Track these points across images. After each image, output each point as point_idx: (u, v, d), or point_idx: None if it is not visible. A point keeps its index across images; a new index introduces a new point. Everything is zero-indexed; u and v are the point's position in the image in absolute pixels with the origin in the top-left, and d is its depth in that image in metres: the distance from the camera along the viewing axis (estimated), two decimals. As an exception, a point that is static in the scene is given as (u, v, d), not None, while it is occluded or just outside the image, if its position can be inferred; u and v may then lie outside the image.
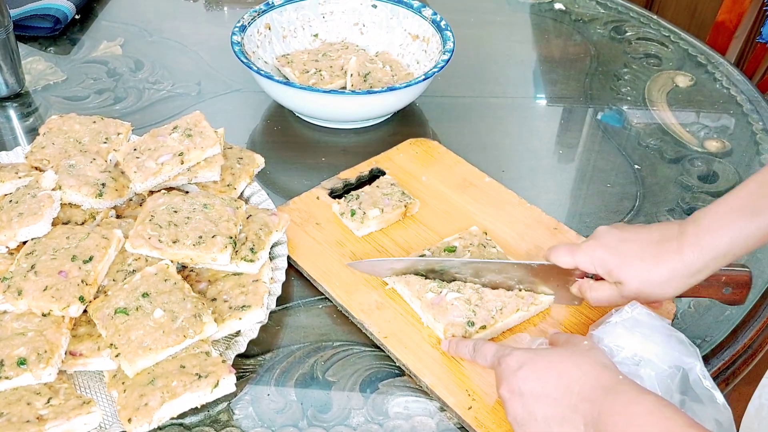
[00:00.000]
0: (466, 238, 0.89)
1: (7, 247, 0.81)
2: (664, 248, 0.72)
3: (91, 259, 0.78)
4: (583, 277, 0.79)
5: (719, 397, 0.69)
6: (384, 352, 0.80)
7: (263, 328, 0.80)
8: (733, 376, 0.84)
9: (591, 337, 0.73)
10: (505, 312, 0.80)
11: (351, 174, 1.01)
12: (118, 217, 0.89)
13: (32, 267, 0.77)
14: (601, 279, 0.77)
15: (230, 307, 0.78)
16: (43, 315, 0.74)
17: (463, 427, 0.73)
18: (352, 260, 0.88)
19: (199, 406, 0.71)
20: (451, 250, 0.87)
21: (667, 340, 0.71)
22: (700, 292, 0.76)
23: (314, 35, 1.23)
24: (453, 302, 0.80)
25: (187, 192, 0.90)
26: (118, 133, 0.97)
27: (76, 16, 1.35)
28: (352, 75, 1.13)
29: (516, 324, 0.81)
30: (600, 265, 0.75)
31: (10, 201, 0.83)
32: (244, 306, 0.78)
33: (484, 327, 0.78)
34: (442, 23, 1.15)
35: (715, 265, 0.71)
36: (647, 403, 0.60)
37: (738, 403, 0.75)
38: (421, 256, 0.87)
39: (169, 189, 0.90)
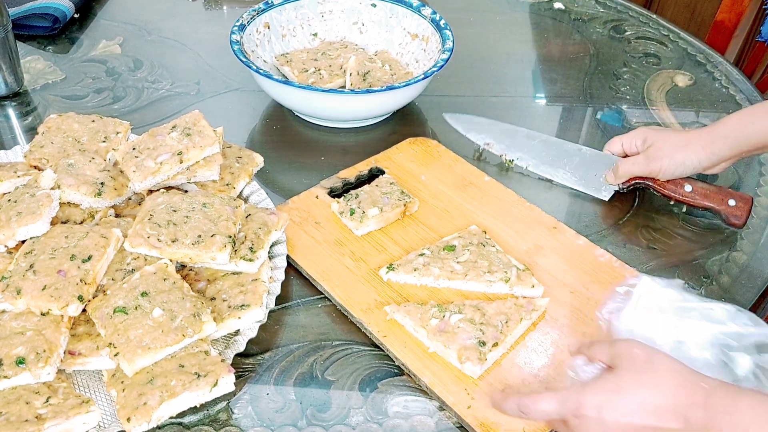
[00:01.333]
0: (465, 237, 0.89)
1: (5, 246, 0.81)
2: (689, 131, 0.96)
3: (89, 258, 0.78)
4: None
5: None
6: (383, 351, 0.80)
7: (262, 328, 0.80)
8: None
9: (610, 326, 0.70)
10: (511, 324, 0.79)
11: (350, 173, 1.01)
12: (117, 216, 0.89)
13: (31, 266, 0.76)
14: None
15: (229, 307, 0.78)
16: (42, 314, 0.74)
17: (462, 426, 0.73)
18: (351, 260, 0.88)
19: (198, 406, 0.71)
20: (451, 249, 0.87)
21: (701, 312, 0.69)
22: (709, 196, 0.95)
23: (313, 34, 1.23)
24: (459, 325, 0.78)
25: (186, 191, 0.90)
26: (117, 132, 0.97)
27: (75, 15, 1.35)
28: (351, 74, 1.13)
29: (522, 333, 0.80)
30: (640, 135, 0.98)
31: (9, 200, 0.83)
32: (243, 305, 0.78)
33: (496, 344, 0.77)
34: (442, 22, 1.15)
35: (721, 145, 0.91)
36: (744, 404, 0.59)
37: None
38: (420, 255, 0.87)
39: (168, 188, 0.90)
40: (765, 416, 0.58)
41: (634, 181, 0.98)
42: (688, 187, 0.96)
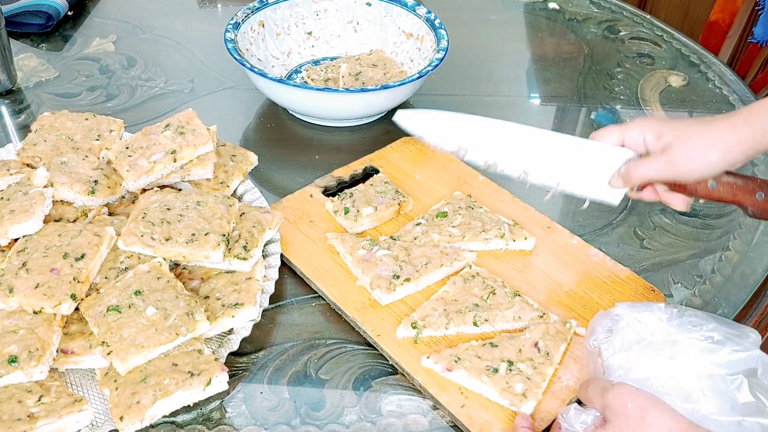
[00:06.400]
0: (453, 203, 0.93)
1: (-2, 244, 0.81)
2: (715, 119, 0.75)
3: (83, 256, 0.77)
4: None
5: None
6: (377, 350, 0.80)
7: (256, 326, 0.79)
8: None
9: (600, 358, 0.68)
10: (429, 267, 0.84)
11: (345, 172, 1.01)
12: (110, 214, 0.89)
13: (24, 264, 0.76)
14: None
15: (223, 305, 0.78)
16: (35, 312, 0.74)
17: (455, 425, 0.73)
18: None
19: (191, 405, 0.70)
20: (443, 215, 0.91)
21: (690, 342, 0.66)
22: (736, 194, 0.80)
23: (308, 33, 1.23)
24: (382, 258, 0.85)
25: (179, 189, 0.90)
26: (111, 130, 0.97)
27: (69, 13, 1.35)
28: (343, 76, 1.13)
29: (441, 278, 0.85)
30: (651, 130, 0.76)
31: (2, 198, 0.83)
32: (237, 304, 0.78)
33: (408, 279, 0.83)
34: (437, 21, 1.15)
35: (762, 139, 0.73)
36: None
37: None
38: (417, 225, 0.91)
39: (162, 186, 0.90)
40: None
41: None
42: (712, 183, 0.81)
